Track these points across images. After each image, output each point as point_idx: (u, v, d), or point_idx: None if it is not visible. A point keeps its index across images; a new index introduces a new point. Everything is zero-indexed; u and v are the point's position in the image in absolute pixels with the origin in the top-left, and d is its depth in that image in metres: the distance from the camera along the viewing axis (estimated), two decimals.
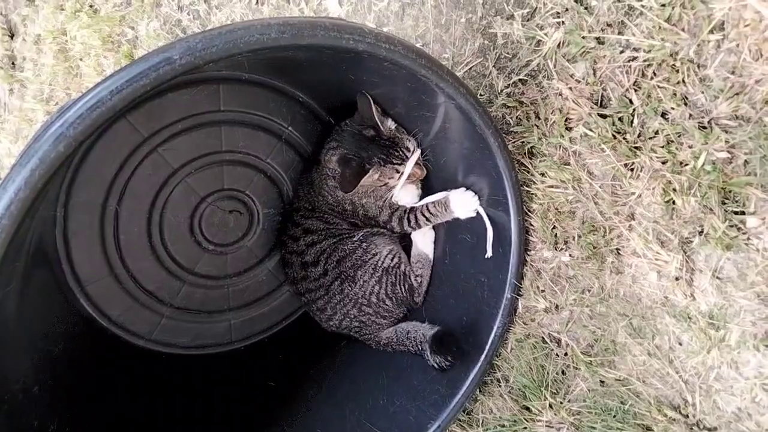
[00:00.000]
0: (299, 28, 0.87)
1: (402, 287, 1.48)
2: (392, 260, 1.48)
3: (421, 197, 1.48)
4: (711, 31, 0.98)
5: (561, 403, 1.29)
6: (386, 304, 1.47)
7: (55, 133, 0.77)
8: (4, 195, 0.77)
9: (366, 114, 1.31)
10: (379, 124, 1.31)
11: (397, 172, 1.37)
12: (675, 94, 1.05)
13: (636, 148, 1.12)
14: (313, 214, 1.50)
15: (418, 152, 1.38)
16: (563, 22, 1.18)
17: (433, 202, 1.41)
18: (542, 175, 1.28)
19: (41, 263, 1.26)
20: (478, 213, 1.34)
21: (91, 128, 0.78)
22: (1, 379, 0.99)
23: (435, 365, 1.36)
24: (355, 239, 1.48)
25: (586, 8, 1.15)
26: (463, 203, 1.35)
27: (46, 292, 1.29)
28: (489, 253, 1.32)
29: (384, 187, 1.42)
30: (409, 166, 1.36)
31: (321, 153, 1.46)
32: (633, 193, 1.14)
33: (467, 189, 1.36)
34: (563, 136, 1.22)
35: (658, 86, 1.06)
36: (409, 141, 1.37)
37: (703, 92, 1.01)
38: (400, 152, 1.34)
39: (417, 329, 1.45)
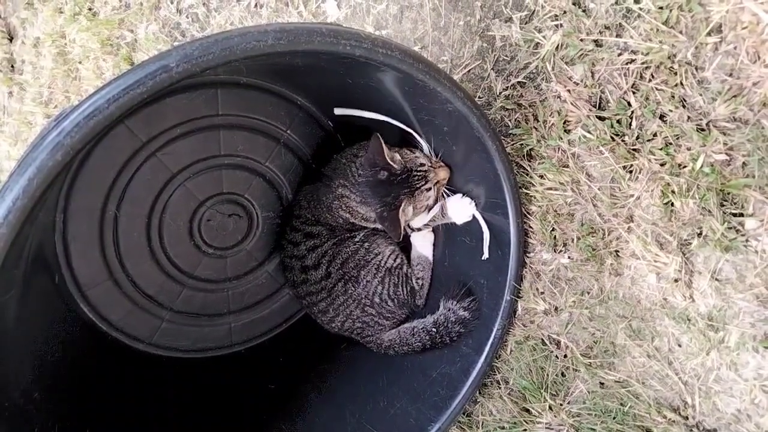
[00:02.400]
0: (296, 34, 0.87)
1: (404, 289, 1.48)
2: (395, 261, 1.48)
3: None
4: (708, 34, 0.98)
5: (561, 404, 1.30)
6: (388, 305, 1.47)
7: (53, 142, 0.77)
8: (2, 204, 0.77)
9: (378, 157, 1.29)
10: (392, 164, 1.29)
11: (428, 190, 1.34)
12: (673, 97, 1.05)
13: (634, 150, 1.12)
14: (316, 223, 1.50)
15: (434, 158, 1.36)
16: (561, 25, 1.18)
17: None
18: (541, 177, 1.28)
19: (41, 269, 1.26)
20: (474, 217, 1.34)
21: (89, 137, 0.78)
22: (2, 384, 0.99)
23: (467, 312, 1.37)
24: (356, 239, 1.48)
25: (584, 11, 1.15)
26: (459, 209, 1.35)
27: (46, 297, 1.30)
28: (485, 255, 1.32)
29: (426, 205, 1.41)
30: (432, 179, 1.34)
31: (333, 184, 1.43)
32: (632, 195, 1.14)
33: (464, 195, 1.36)
34: (562, 139, 1.21)
35: (656, 88, 1.06)
36: (420, 155, 1.34)
37: (701, 94, 1.01)
38: (419, 173, 1.31)
39: (421, 323, 1.45)
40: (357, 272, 1.46)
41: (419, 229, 1.49)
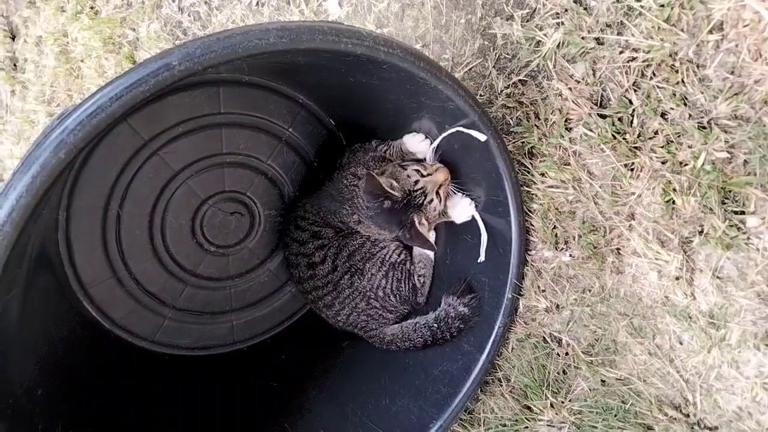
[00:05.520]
0: (297, 32, 0.87)
1: (406, 285, 1.49)
2: (399, 256, 1.49)
3: None
4: (710, 32, 0.98)
5: (562, 402, 1.30)
6: (391, 300, 1.48)
7: (56, 140, 0.77)
8: (6, 202, 0.77)
9: (380, 192, 1.28)
10: (392, 192, 1.28)
11: (432, 201, 1.33)
12: (674, 95, 1.05)
13: (636, 148, 1.12)
14: (324, 225, 1.50)
15: (429, 161, 1.35)
16: (562, 23, 1.18)
17: None
18: (542, 175, 1.28)
19: (44, 267, 1.27)
20: (473, 217, 1.34)
21: (91, 135, 0.78)
22: (6, 382, 0.99)
23: (466, 308, 1.38)
24: (363, 233, 1.49)
25: (585, 9, 1.14)
26: (459, 209, 1.36)
27: (49, 295, 1.30)
28: (482, 258, 1.33)
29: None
30: (431, 190, 1.32)
31: (344, 211, 1.43)
32: (633, 193, 1.14)
33: (464, 194, 1.37)
34: (563, 137, 1.21)
35: (658, 86, 1.06)
36: (413, 172, 1.33)
37: (702, 92, 1.01)
38: (417, 191, 1.31)
39: (423, 319, 1.46)
40: (363, 265, 1.47)
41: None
